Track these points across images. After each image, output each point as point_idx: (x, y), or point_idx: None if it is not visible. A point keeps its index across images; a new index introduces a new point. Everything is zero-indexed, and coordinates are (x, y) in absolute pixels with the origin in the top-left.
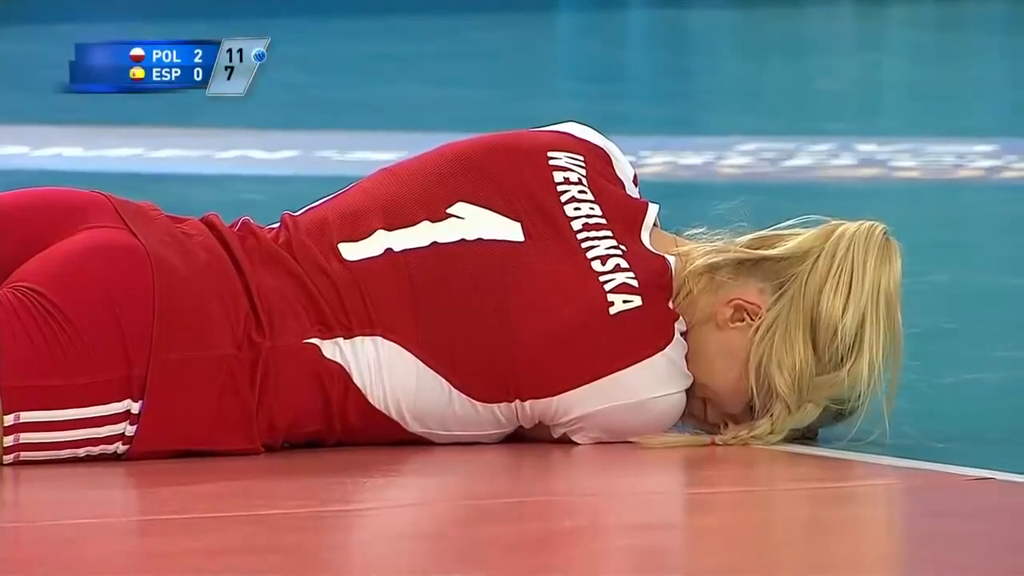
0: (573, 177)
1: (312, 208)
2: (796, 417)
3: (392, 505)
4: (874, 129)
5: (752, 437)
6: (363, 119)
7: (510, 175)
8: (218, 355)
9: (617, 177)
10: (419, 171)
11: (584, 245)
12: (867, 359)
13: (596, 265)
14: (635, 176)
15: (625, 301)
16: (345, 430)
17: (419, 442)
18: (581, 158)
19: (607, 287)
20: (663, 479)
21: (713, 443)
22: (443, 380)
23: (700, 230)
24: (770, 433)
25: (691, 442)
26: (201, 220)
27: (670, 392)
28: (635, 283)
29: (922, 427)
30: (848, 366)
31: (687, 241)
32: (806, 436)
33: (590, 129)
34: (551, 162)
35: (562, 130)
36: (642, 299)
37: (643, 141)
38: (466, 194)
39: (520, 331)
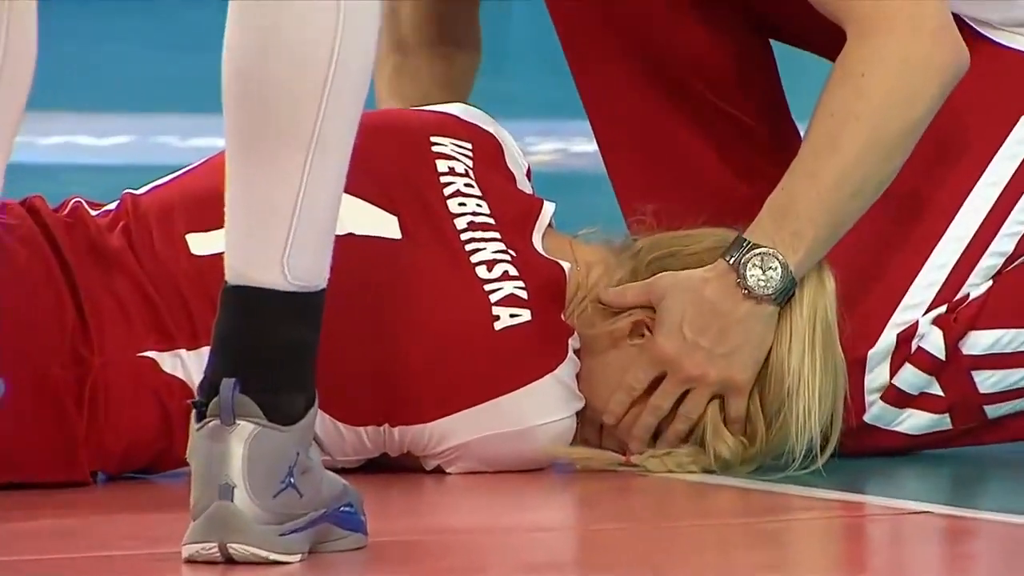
0: (459, 167)
1: (157, 187)
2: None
3: None
4: None
5: (672, 462)
6: (208, 99)
7: (389, 161)
8: (39, 376)
9: (508, 170)
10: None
11: (468, 248)
12: (807, 397)
13: (481, 271)
14: (528, 169)
15: (513, 315)
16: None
17: None
18: (468, 146)
19: (493, 298)
20: (551, 514)
21: (628, 462)
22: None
23: (592, 229)
24: (692, 462)
25: (603, 458)
26: (22, 204)
27: (559, 418)
28: (524, 294)
29: (860, 460)
30: (788, 406)
31: (584, 244)
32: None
33: (479, 111)
34: (434, 148)
35: (447, 111)
36: (532, 313)
37: (529, 125)
38: None
39: (392, 345)
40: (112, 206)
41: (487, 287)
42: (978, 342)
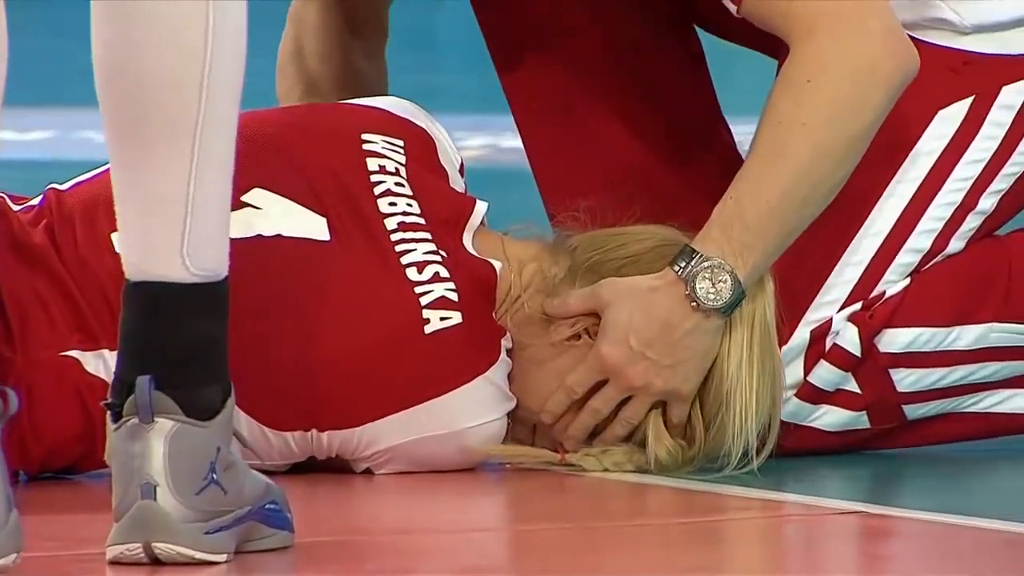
0: (390, 166)
1: (83, 182)
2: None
3: None
4: None
5: (608, 461)
6: None
7: (317, 160)
8: None
9: (441, 166)
10: None
11: (398, 248)
12: (744, 399)
13: (411, 273)
14: (462, 164)
15: (443, 318)
16: None
17: None
18: (400, 143)
19: (423, 301)
20: (486, 514)
21: (564, 460)
22: (239, 410)
23: (524, 225)
24: (628, 461)
25: (538, 456)
26: None
27: (490, 419)
28: (455, 296)
29: (790, 460)
30: (726, 408)
31: (516, 241)
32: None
33: (412, 105)
34: (365, 147)
35: (379, 106)
36: (462, 315)
37: (459, 119)
38: (265, 179)
39: (320, 349)
40: (36, 201)
41: (417, 289)
42: (895, 340)
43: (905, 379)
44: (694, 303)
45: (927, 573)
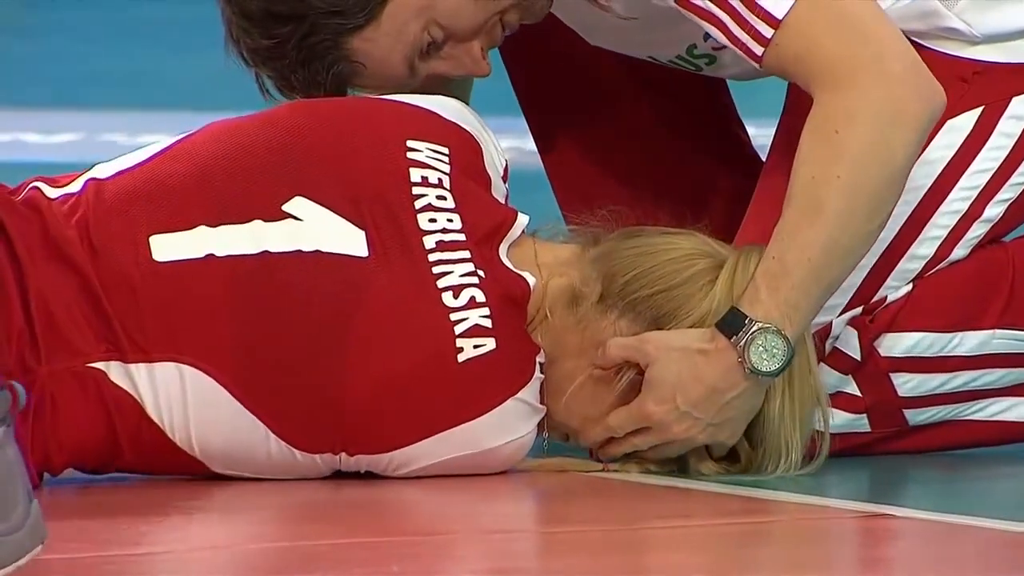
0: (433, 177)
1: (123, 172)
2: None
3: (192, 548)
4: None
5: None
6: (153, 95)
7: (360, 169)
8: None
9: (486, 173)
10: (251, 147)
11: (436, 270)
12: (788, 429)
13: (447, 299)
14: (506, 168)
15: (476, 346)
16: (138, 463)
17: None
18: (445, 151)
19: (457, 330)
20: (515, 516)
21: (607, 469)
22: (260, 423)
23: (550, 224)
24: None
25: (580, 466)
26: None
27: (519, 436)
28: (489, 323)
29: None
30: (770, 442)
31: (546, 246)
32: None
33: (461, 106)
34: (410, 155)
35: (426, 107)
36: (496, 341)
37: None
38: (307, 187)
39: (353, 376)
40: (75, 188)
41: (452, 316)
42: (897, 344)
43: (906, 383)
44: (748, 369)
45: (928, 573)
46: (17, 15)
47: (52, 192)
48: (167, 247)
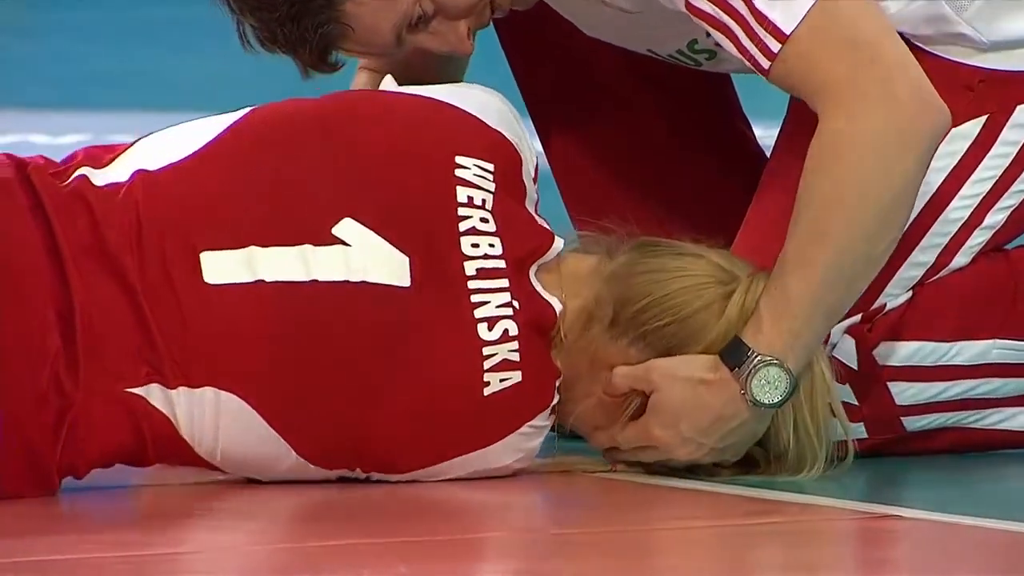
0: (478, 198)
1: (174, 167)
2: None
3: (202, 550)
4: None
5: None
6: (159, 96)
7: (409, 184)
8: (13, 414)
9: (523, 184)
10: (304, 156)
11: (474, 299)
12: (805, 444)
13: (482, 331)
14: (536, 168)
15: (502, 380)
16: (157, 463)
17: None
18: (491, 168)
19: (487, 364)
20: (523, 517)
21: (615, 468)
22: (284, 441)
23: (572, 236)
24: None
25: (589, 466)
26: (15, 169)
27: (528, 453)
28: (517, 356)
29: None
30: (786, 451)
31: (570, 261)
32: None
33: (502, 104)
34: (457, 172)
35: (474, 114)
36: (522, 374)
37: None
38: (356, 206)
39: (381, 405)
40: (121, 175)
41: (485, 350)
42: (895, 353)
43: (904, 392)
44: (749, 400)
45: (929, 573)
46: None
47: (99, 178)
48: (218, 267)
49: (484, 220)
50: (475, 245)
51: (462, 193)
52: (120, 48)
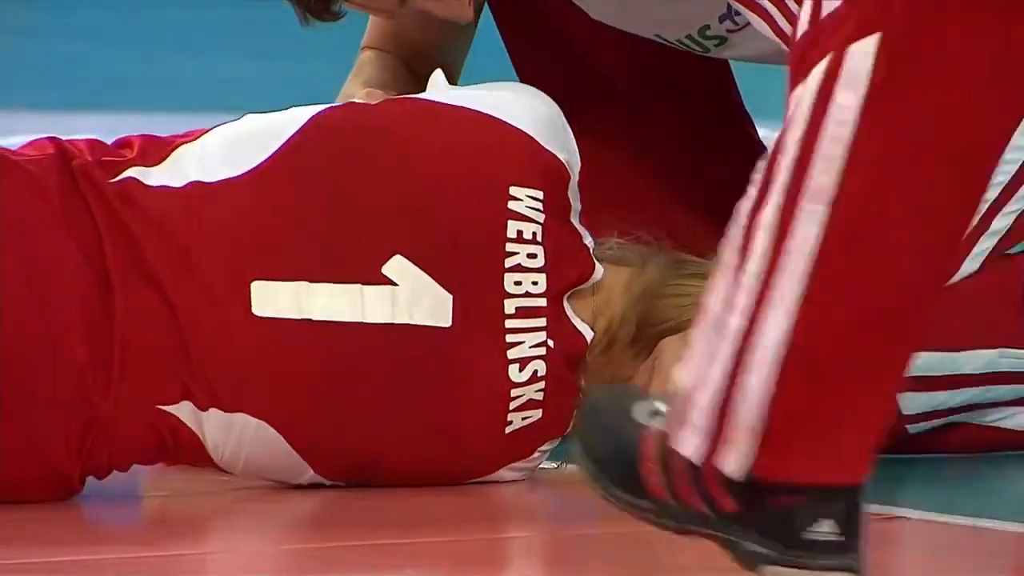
0: (528, 232)
1: (229, 183)
2: None
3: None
4: None
5: None
6: (171, 98)
7: (460, 221)
8: (31, 422)
9: (569, 200)
10: (358, 187)
11: (509, 339)
12: None
13: (513, 372)
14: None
15: (524, 418)
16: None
17: None
18: (541, 195)
19: (512, 405)
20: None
21: None
22: (306, 463)
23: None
24: None
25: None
26: (57, 161)
27: (536, 467)
28: (542, 396)
29: None
30: None
31: (602, 271)
32: None
33: (553, 112)
34: (510, 205)
35: (529, 133)
36: (543, 412)
37: None
38: (406, 243)
39: (405, 440)
40: (174, 179)
41: (512, 392)
42: None
43: (912, 401)
44: None
45: (931, 573)
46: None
47: (152, 177)
48: (268, 299)
49: (531, 256)
50: (518, 283)
51: (512, 228)
52: (130, 50)
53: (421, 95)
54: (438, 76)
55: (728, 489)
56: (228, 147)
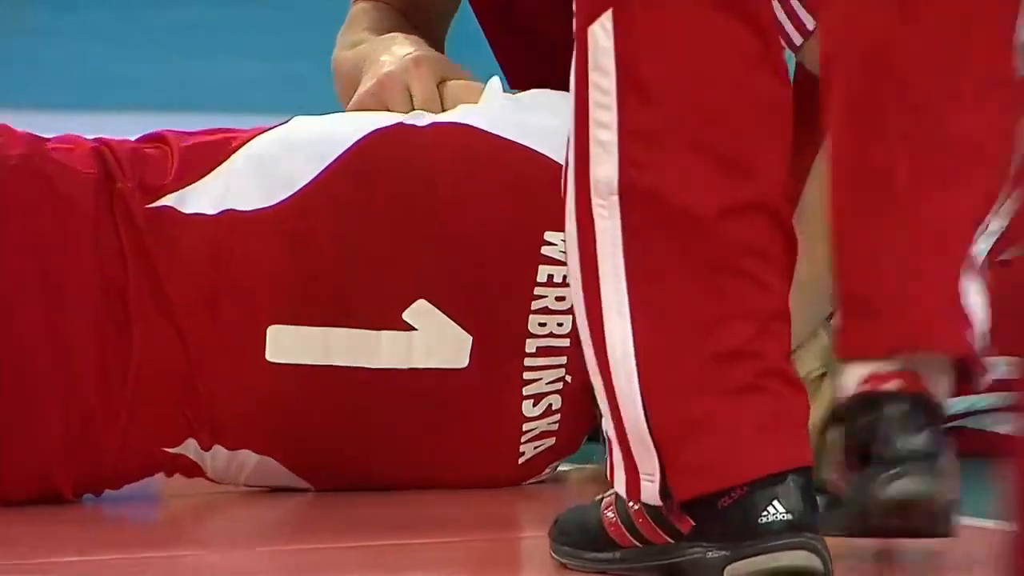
0: (558, 276)
1: (262, 214)
2: None
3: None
4: None
5: None
6: (176, 98)
7: (489, 267)
8: (30, 453)
9: None
10: (388, 229)
11: (527, 376)
12: None
13: (527, 407)
14: None
15: (537, 447)
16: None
17: None
18: None
19: (524, 438)
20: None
21: None
22: (303, 482)
23: None
24: None
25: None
26: (104, 181)
27: (542, 478)
28: (556, 426)
29: None
30: None
31: None
32: None
33: None
34: (543, 251)
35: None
36: (556, 439)
37: None
38: (432, 288)
39: (414, 473)
40: (209, 206)
41: (525, 426)
42: None
43: None
44: None
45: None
46: (33, 16)
47: (187, 204)
48: (282, 344)
49: (560, 299)
50: (542, 324)
51: (543, 272)
52: (133, 50)
53: (472, 117)
54: (494, 84)
55: (680, 510)
56: (270, 166)
